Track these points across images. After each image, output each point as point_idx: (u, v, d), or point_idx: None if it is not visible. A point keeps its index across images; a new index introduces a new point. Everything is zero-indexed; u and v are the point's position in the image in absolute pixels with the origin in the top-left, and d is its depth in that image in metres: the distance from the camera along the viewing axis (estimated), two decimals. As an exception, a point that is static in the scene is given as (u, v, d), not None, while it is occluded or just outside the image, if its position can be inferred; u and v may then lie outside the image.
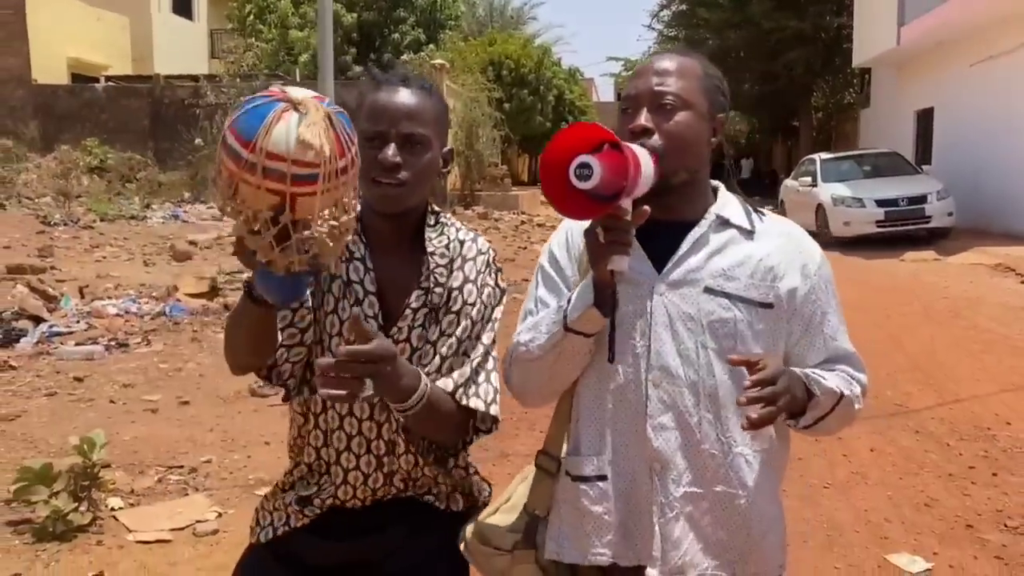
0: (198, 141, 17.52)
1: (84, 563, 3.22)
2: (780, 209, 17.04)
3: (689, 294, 1.43)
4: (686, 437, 1.41)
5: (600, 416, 1.46)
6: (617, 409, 1.44)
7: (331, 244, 1.18)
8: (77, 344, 6.10)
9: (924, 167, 16.57)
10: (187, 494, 3.89)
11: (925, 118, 18.15)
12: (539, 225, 17.17)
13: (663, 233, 1.45)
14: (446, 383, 1.48)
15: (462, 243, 1.57)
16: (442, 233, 1.57)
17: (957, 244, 12.99)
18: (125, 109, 20.14)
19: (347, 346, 1.24)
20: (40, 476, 3.42)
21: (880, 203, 13.66)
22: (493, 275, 1.60)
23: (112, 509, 3.65)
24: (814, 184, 15.18)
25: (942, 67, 16.88)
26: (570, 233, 1.55)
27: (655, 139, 1.40)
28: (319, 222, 1.16)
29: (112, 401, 5.18)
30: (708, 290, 1.42)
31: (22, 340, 6.08)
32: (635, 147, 1.30)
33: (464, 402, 1.49)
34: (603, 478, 1.45)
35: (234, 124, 1.15)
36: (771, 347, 1.44)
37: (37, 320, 6.43)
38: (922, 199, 13.56)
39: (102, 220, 13.59)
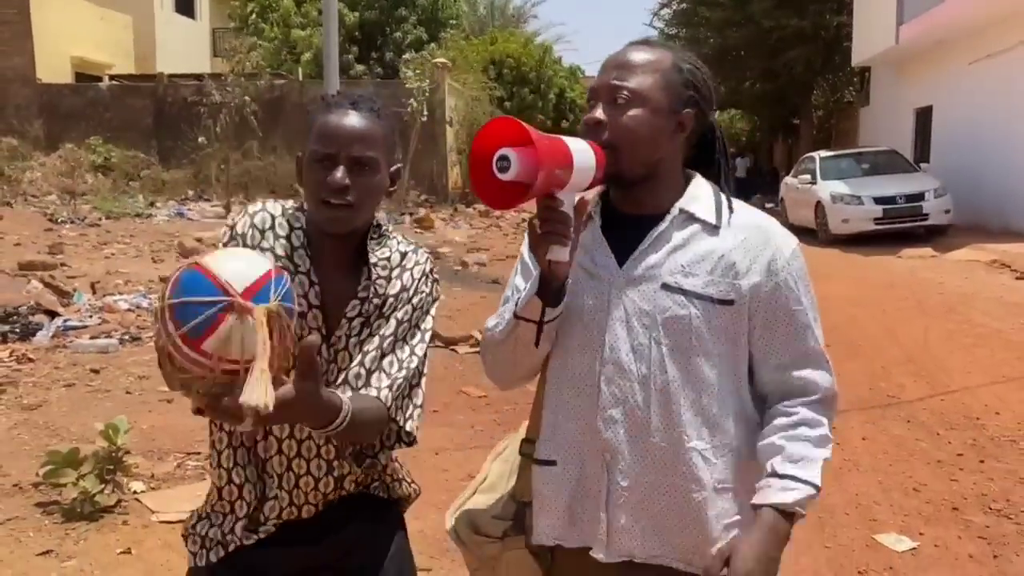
0: (201, 140, 17.65)
1: (111, 541, 3.39)
2: (780, 206, 17.21)
3: (646, 290, 1.43)
4: (634, 431, 1.42)
5: (556, 404, 1.49)
6: (572, 399, 1.47)
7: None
8: (91, 338, 6.26)
9: (923, 165, 16.70)
10: (205, 478, 4.05)
11: (924, 116, 18.26)
12: (540, 223, 17.30)
13: (630, 227, 1.47)
14: (381, 393, 1.48)
15: (403, 255, 1.61)
16: (384, 246, 1.60)
17: (954, 241, 13.12)
18: (129, 108, 20.29)
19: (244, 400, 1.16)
20: (68, 460, 3.59)
21: (878, 200, 13.78)
22: (429, 284, 1.62)
23: (135, 492, 3.82)
24: (813, 182, 15.31)
25: (941, 66, 17.00)
26: None
27: (606, 133, 1.41)
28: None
29: (128, 392, 5.35)
30: (665, 287, 1.42)
31: (38, 334, 6.25)
32: (573, 141, 1.34)
33: (394, 415, 1.51)
34: (552, 463, 1.48)
35: (179, 318, 1.17)
36: (731, 343, 1.44)
37: (52, 314, 6.60)
38: (919, 197, 13.69)
39: (108, 218, 13.75)
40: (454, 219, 17.00)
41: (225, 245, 1.51)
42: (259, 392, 1.14)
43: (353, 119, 1.50)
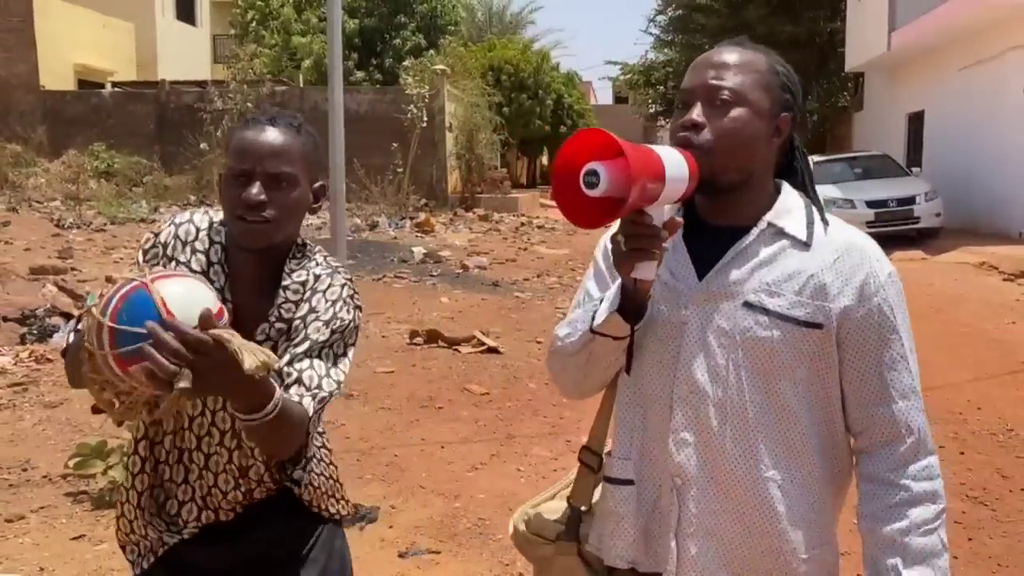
0: (203, 146, 17.88)
1: (140, 527, 3.61)
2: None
3: (727, 308, 1.34)
4: (707, 455, 1.35)
5: (631, 422, 1.42)
6: (647, 418, 1.40)
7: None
8: (107, 339, 6.46)
9: (915, 169, 16.95)
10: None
11: (916, 121, 18.52)
12: (539, 227, 17.55)
13: (713, 238, 1.38)
14: (304, 400, 1.43)
15: (317, 277, 1.55)
16: (302, 267, 1.56)
17: (945, 244, 13.38)
18: (131, 114, 20.55)
19: (173, 320, 1.17)
20: (96, 451, 3.81)
21: (870, 204, 14.05)
22: (348, 310, 1.54)
23: (158, 483, 4.03)
24: (807, 186, 15.55)
25: (932, 71, 17.28)
26: None
27: (705, 134, 1.32)
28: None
29: (145, 390, 5.56)
30: (747, 305, 1.33)
31: (55, 335, 6.45)
32: (664, 150, 1.24)
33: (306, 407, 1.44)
34: (629, 483, 1.41)
35: (118, 342, 1.19)
36: (818, 370, 1.34)
37: (68, 317, 6.81)
38: (911, 200, 13.96)
39: (112, 223, 13.95)
40: (454, 223, 17.23)
41: (145, 251, 1.54)
42: (255, 356, 1.18)
43: (270, 135, 1.49)
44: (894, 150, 17.98)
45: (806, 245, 1.35)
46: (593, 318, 1.35)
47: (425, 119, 18.39)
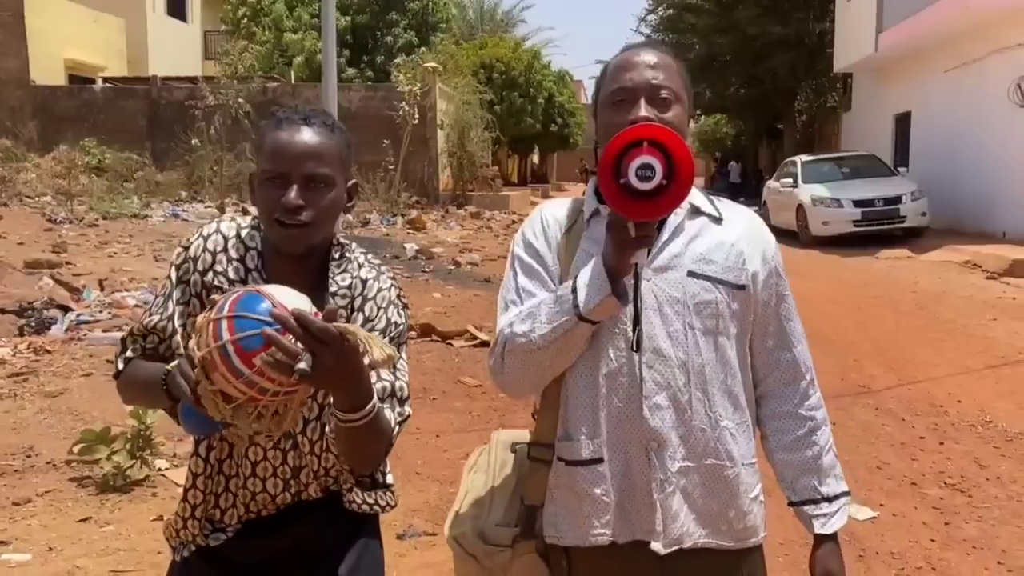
0: (195, 141, 17.89)
1: (144, 510, 3.72)
2: (763, 209, 17.62)
3: (674, 278, 1.47)
4: (679, 414, 1.45)
5: (593, 401, 1.47)
6: (610, 392, 1.46)
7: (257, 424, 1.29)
8: (104, 331, 6.56)
9: (902, 169, 17.16)
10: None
11: (903, 122, 18.71)
12: (529, 224, 17.64)
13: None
14: (393, 421, 1.48)
15: (364, 282, 1.53)
16: (345, 270, 1.54)
17: (930, 243, 13.56)
18: (122, 110, 20.53)
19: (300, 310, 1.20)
20: (100, 437, 3.91)
21: (857, 203, 14.24)
22: (399, 314, 1.56)
23: (160, 469, 4.13)
24: (795, 185, 15.75)
25: (918, 73, 17.47)
26: (545, 222, 1.56)
27: None
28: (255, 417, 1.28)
29: (144, 381, 5.65)
30: (691, 273, 1.47)
31: (53, 327, 6.54)
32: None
33: (392, 437, 1.48)
34: (599, 460, 1.46)
35: (238, 331, 1.20)
36: (743, 326, 1.52)
37: (65, 309, 6.89)
38: (897, 200, 14.15)
39: (104, 218, 13.99)
40: (445, 220, 17.33)
41: (177, 267, 1.51)
42: (382, 348, 1.25)
43: (305, 135, 1.45)
44: (881, 150, 18.18)
45: (719, 220, 1.54)
46: (576, 307, 1.39)
47: (416, 117, 18.48)
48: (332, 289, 1.51)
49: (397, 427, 1.48)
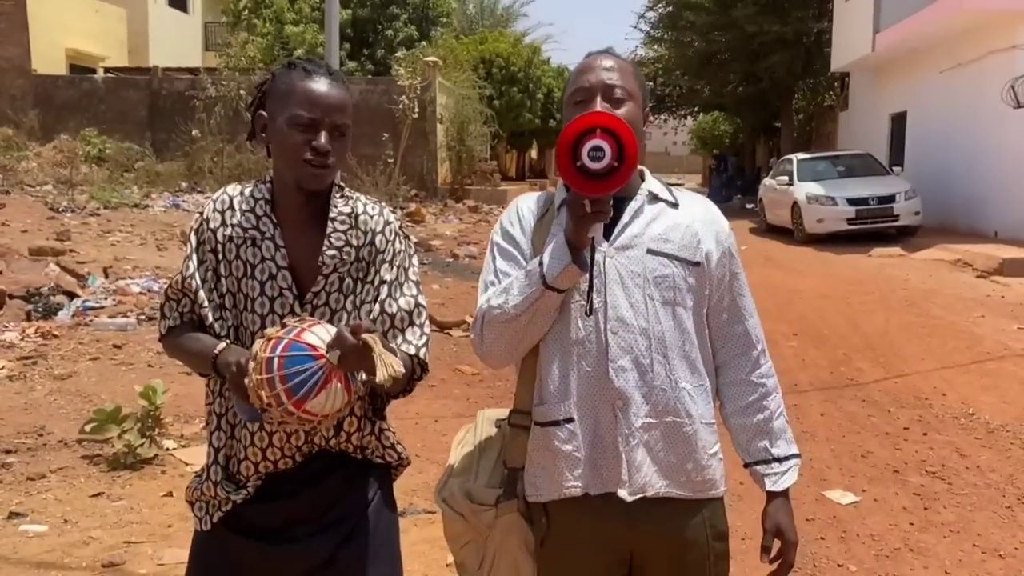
0: (195, 132, 17.97)
1: (154, 486, 3.86)
2: (759, 206, 17.77)
3: (634, 255, 1.64)
4: (642, 375, 1.62)
5: (565, 366, 1.63)
6: (580, 358, 1.62)
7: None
8: (110, 317, 6.69)
9: (897, 168, 17.32)
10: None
11: (899, 121, 18.85)
12: (527, 219, 17.76)
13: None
14: (408, 348, 1.67)
15: (371, 216, 1.72)
16: (346, 203, 1.72)
17: (923, 241, 13.71)
18: (123, 100, 20.62)
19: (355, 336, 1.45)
20: (111, 416, 4.04)
21: (851, 202, 14.38)
22: (402, 242, 1.74)
23: (168, 449, 4.27)
24: (790, 183, 15.89)
25: (915, 73, 17.62)
26: (520, 212, 1.75)
27: None
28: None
29: (150, 365, 5.79)
30: (650, 251, 1.65)
31: (60, 313, 6.67)
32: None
33: (423, 357, 1.69)
34: (571, 420, 1.63)
35: (285, 370, 1.44)
36: (699, 299, 1.69)
37: (71, 295, 7.02)
38: (891, 199, 14.29)
39: (105, 208, 14.09)
40: (444, 213, 17.46)
41: (196, 231, 1.70)
42: (384, 369, 1.45)
43: (334, 89, 1.64)
44: (877, 149, 18.33)
45: (676, 206, 1.73)
46: (543, 277, 1.56)
47: (416, 110, 18.57)
48: (332, 215, 1.69)
49: (423, 349, 1.69)
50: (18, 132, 18.56)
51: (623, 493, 1.61)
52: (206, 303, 1.66)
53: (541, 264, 1.57)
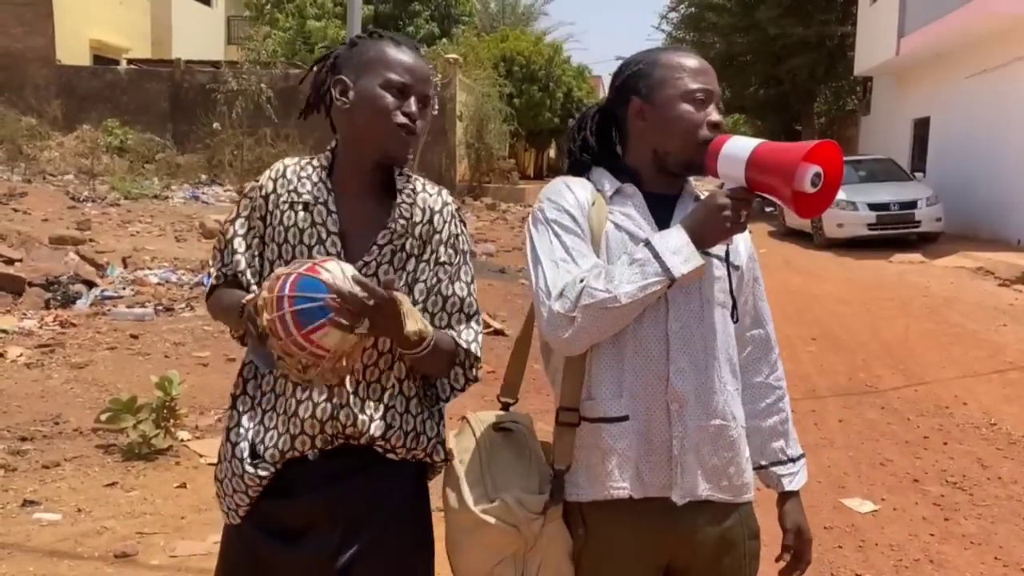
0: (216, 125, 18.05)
1: (168, 477, 3.86)
2: (778, 210, 17.64)
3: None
4: (698, 377, 1.60)
5: (619, 364, 1.59)
6: (636, 356, 1.58)
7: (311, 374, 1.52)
8: (128, 307, 6.71)
9: (919, 174, 17.14)
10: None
11: (922, 126, 18.68)
12: (545, 218, 17.75)
13: (654, 204, 1.67)
14: (471, 346, 1.66)
15: (430, 195, 1.71)
16: (409, 181, 1.70)
17: (944, 248, 13.57)
18: (146, 92, 20.72)
19: (361, 278, 1.44)
20: (127, 406, 4.04)
21: (872, 207, 14.24)
22: (459, 225, 1.73)
23: (182, 440, 4.27)
24: (811, 187, 15.73)
25: (939, 78, 17.43)
26: (573, 191, 1.65)
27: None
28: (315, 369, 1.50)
29: (167, 356, 5.81)
30: (705, 252, 1.57)
31: (78, 302, 6.70)
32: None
33: (466, 347, 1.66)
34: (625, 418, 1.58)
35: (296, 308, 1.42)
36: (739, 302, 1.68)
37: (90, 284, 7.05)
38: (912, 204, 14.15)
39: (126, 198, 14.19)
40: (461, 211, 17.44)
41: (247, 195, 1.70)
42: (415, 322, 1.47)
43: (419, 60, 1.65)
44: (899, 155, 18.16)
45: None
46: (668, 271, 1.50)
47: (436, 107, 18.51)
48: (399, 187, 1.67)
49: (473, 344, 1.67)
50: (41, 122, 18.70)
51: (676, 497, 1.58)
52: (243, 264, 1.66)
53: (657, 256, 1.50)
